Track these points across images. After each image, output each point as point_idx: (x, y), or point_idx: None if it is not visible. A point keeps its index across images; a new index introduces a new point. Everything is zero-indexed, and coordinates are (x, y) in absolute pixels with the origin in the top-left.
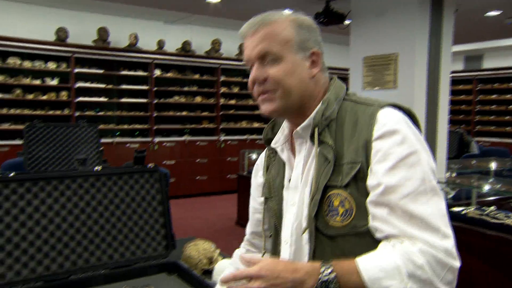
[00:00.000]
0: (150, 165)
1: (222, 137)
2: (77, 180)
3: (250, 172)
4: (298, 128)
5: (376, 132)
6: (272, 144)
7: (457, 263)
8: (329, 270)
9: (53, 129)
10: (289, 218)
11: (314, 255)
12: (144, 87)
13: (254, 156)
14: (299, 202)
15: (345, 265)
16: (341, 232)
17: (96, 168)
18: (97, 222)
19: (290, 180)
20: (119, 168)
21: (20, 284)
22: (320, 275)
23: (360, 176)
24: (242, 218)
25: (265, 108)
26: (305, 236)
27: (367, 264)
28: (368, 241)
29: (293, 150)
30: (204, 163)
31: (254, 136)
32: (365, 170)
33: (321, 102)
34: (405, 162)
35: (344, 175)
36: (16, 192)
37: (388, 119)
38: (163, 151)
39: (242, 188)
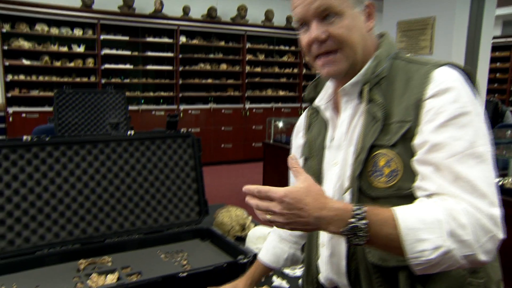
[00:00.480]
0: (183, 129)
1: (247, 105)
2: (110, 144)
3: (276, 141)
4: (346, 85)
5: (429, 91)
6: (316, 102)
7: (500, 234)
8: (362, 216)
9: (82, 95)
10: (330, 178)
11: None
12: (170, 54)
13: (280, 124)
14: (342, 162)
15: (380, 212)
16: (384, 194)
17: (129, 132)
18: (130, 187)
19: (332, 139)
20: (151, 133)
21: (58, 245)
22: (350, 220)
23: (409, 136)
24: (268, 185)
25: (328, 70)
26: (347, 196)
27: (405, 213)
28: None
29: (337, 109)
30: (229, 131)
31: (279, 105)
32: (415, 130)
33: (372, 58)
34: (455, 122)
35: (393, 134)
36: (52, 156)
37: (443, 78)
38: (188, 118)
39: (268, 156)
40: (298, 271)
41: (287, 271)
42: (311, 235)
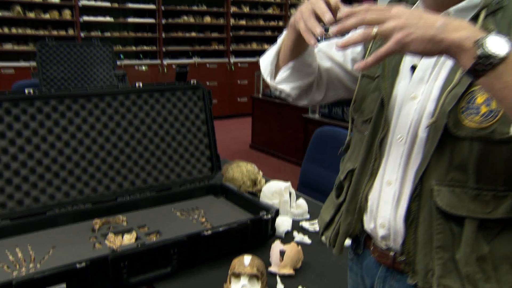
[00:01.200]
0: (193, 81)
1: (232, 59)
2: (118, 97)
3: (265, 95)
4: (452, 9)
5: None
6: None
7: None
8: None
9: (66, 48)
10: (407, 112)
11: (431, 159)
12: (152, 6)
13: None
14: (424, 97)
15: None
16: (474, 135)
17: (137, 84)
18: (140, 143)
19: (414, 68)
20: (161, 85)
21: (69, 205)
22: (484, 40)
23: None
24: (256, 141)
25: None
26: (425, 134)
27: None
28: (497, 155)
29: None
30: (215, 86)
31: None
32: None
33: None
34: None
35: None
36: (57, 110)
37: None
38: (173, 74)
39: (257, 111)
40: (318, 227)
41: (307, 225)
42: (365, 168)
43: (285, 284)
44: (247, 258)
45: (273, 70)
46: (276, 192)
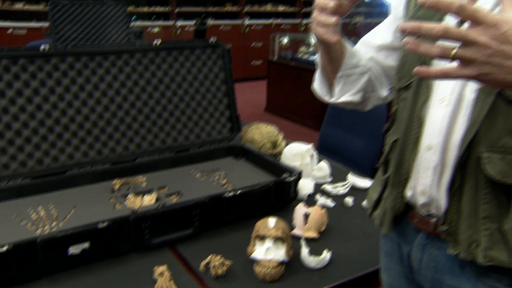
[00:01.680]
0: (213, 38)
1: (247, 21)
2: (136, 54)
3: (281, 57)
4: None
5: None
6: None
7: None
8: None
9: (79, 7)
10: None
11: (481, 124)
12: None
13: (285, 40)
14: None
15: None
16: None
17: (154, 42)
18: (159, 102)
19: (462, 22)
20: (179, 42)
21: (88, 165)
22: None
23: None
24: (272, 105)
25: None
26: (472, 96)
27: None
28: None
29: None
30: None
31: (279, 21)
32: None
33: None
34: None
35: None
36: (73, 67)
37: None
38: (185, 36)
39: (272, 74)
40: (341, 189)
41: (329, 189)
42: (408, 135)
43: (310, 247)
44: (272, 220)
45: (328, 90)
46: (298, 154)
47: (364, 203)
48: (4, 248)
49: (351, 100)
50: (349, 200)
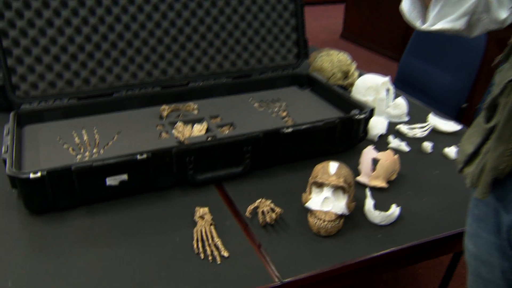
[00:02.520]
0: None
1: None
2: None
3: None
4: None
5: None
6: None
7: None
8: None
9: None
10: None
11: None
12: None
13: None
14: None
15: None
16: None
17: None
18: (216, 21)
19: None
20: None
21: (137, 87)
22: None
23: None
24: (348, 31)
25: None
26: None
27: None
28: None
29: None
30: None
31: None
32: None
33: None
34: None
35: None
36: None
37: None
38: None
39: None
40: (419, 132)
41: (405, 130)
42: None
43: (376, 199)
44: (333, 166)
45: (421, 12)
46: (372, 87)
47: (447, 149)
48: (39, 174)
49: (451, 27)
50: (427, 145)
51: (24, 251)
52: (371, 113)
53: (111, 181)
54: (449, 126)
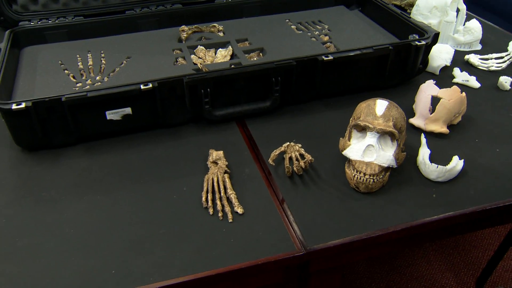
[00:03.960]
0: None
1: None
2: None
3: None
4: None
5: None
6: None
7: None
8: None
9: None
10: None
11: None
12: None
13: None
14: None
15: None
16: None
17: None
18: None
19: None
20: None
21: (153, 4)
22: None
23: None
24: None
25: None
26: None
27: None
28: None
29: None
30: None
31: None
32: None
33: None
34: None
35: None
36: None
37: None
38: None
39: None
40: (495, 63)
41: (476, 60)
42: None
43: (434, 148)
44: (381, 105)
45: None
46: (437, 7)
47: None
48: (23, 105)
49: None
50: (506, 81)
51: (8, 195)
52: (434, 38)
53: (112, 115)
54: None
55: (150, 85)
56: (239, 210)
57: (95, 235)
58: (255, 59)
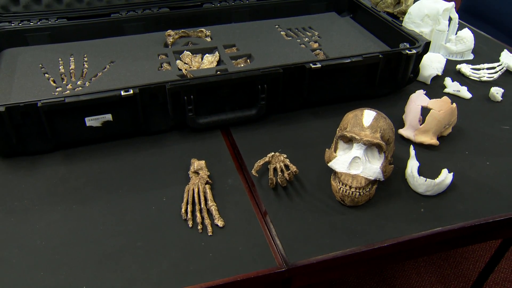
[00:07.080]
0: None
1: None
2: None
3: None
4: None
5: None
6: None
7: None
8: None
9: None
10: None
11: None
12: None
13: None
14: None
15: None
16: None
17: None
18: None
19: None
20: None
21: (139, 7)
22: None
23: None
24: None
25: None
26: None
27: None
28: None
29: None
30: None
31: None
32: None
33: None
34: None
35: None
36: None
37: None
38: None
39: None
40: (487, 73)
41: (468, 70)
42: None
43: (422, 160)
44: (368, 115)
45: None
46: (430, 16)
47: None
48: None
49: None
50: (497, 92)
51: None
52: (425, 47)
53: (92, 121)
54: None
55: (131, 91)
56: (220, 223)
57: (66, 248)
58: (242, 65)
